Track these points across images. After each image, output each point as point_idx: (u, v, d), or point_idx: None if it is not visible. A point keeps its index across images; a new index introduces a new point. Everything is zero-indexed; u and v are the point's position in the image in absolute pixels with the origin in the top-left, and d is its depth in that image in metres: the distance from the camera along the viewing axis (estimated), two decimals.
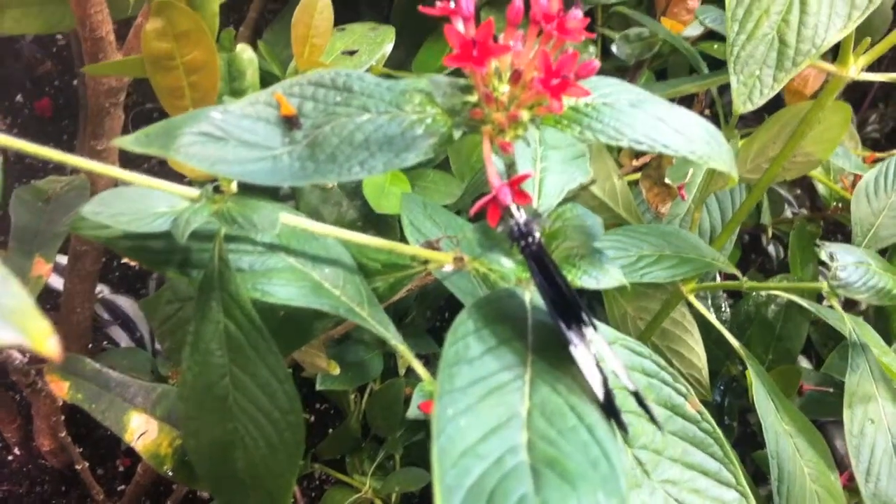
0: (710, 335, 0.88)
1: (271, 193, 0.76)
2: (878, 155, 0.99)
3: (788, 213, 1.22)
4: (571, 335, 0.35)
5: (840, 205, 1.00)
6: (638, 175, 0.89)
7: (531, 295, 0.39)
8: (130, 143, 0.35)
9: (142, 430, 0.71)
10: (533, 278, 0.37)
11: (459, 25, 0.34)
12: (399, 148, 0.35)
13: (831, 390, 0.89)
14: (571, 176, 0.45)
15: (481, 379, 0.33)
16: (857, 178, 0.95)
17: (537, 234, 0.36)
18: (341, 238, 0.49)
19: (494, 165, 0.35)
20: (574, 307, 0.36)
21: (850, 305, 1.11)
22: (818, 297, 0.88)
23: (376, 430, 1.00)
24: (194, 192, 0.45)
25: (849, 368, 0.62)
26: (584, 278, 0.38)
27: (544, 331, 0.37)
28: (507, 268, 0.37)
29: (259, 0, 1.08)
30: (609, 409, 0.35)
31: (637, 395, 0.36)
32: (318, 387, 0.89)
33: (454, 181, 0.83)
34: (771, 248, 1.28)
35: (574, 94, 0.33)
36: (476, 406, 0.32)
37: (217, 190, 0.45)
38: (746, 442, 1.03)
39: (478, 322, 0.35)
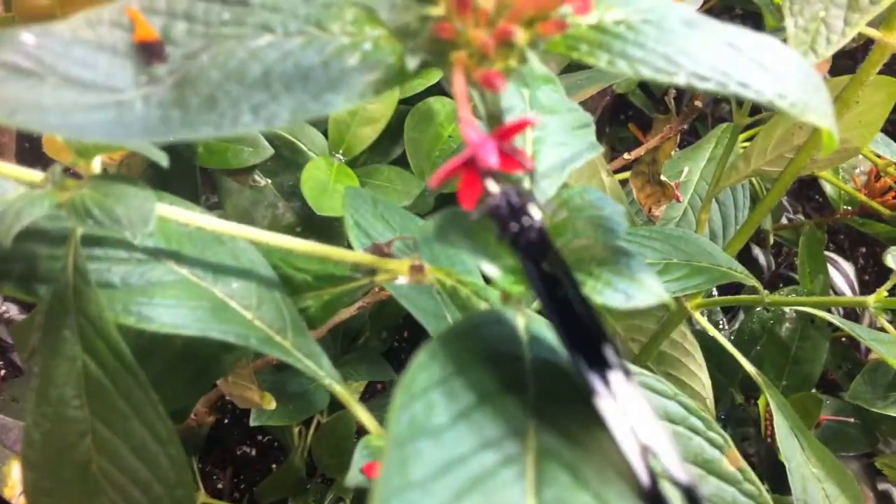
0: (711, 357, 0.76)
1: (188, 191, 0.62)
2: None
3: (783, 219, 1.10)
4: (596, 381, 0.22)
5: (850, 208, 0.88)
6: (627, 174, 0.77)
7: (526, 321, 0.26)
8: None
9: None
10: (532, 288, 0.23)
11: None
12: (319, 86, 0.21)
13: (852, 420, 0.77)
14: (575, 150, 0.32)
15: (454, 464, 0.20)
16: (871, 176, 0.84)
17: (537, 215, 0.23)
18: (257, 241, 0.35)
19: (472, 114, 0.21)
20: (595, 337, 0.23)
21: (851, 316, 0.99)
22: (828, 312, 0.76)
23: (324, 470, 0.87)
24: (38, 175, 0.32)
25: None
26: (606, 293, 0.25)
27: (551, 375, 0.24)
28: (492, 276, 0.24)
29: None
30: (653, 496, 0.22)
31: (691, 495, 0.23)
32: (252, 423, 0.75)
33: (413, 179, 0.70)
34: (761, 258, 1.16)
35: None
36: None
37: (71, 173, 0.32)
38: None
39: (447, 366, 0.22)
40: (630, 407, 0.22)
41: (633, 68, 0.22)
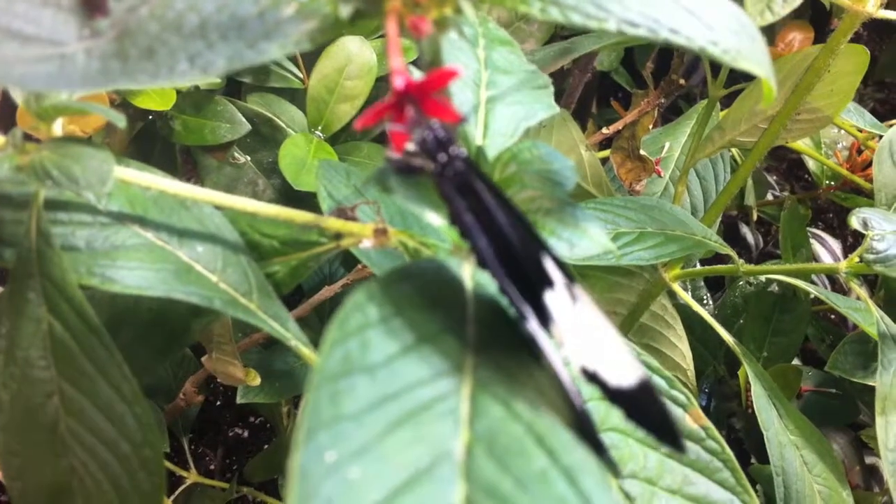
0: (693, 331, 0.77)
1: (167, 169, 0.63)
2: None
3: (769, 196, 1.10)
4: (526, 307, 0.23)
5: (833, 183, 0.88)
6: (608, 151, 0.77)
7: (472, 268, 0.26)
8: None
9: None
10: (458, 221, 0.24)
11: None
12: (254, 35, 0.22)
13: (833, 391, 0.77)
14: (530, 109, 0.32)
15: (389, 398, 0.20)
16: (853, 151, 0.84)
17: (461, 150, 0.23)
18: (221, 205, 0.36)
19: (404, 60, 0.22)
20: (532, 258, 0.23)
21: (839, 292, 0.99)
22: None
23: None
24: None
25: (879, 367, 0.50)
26: (551, 242, 0.26)
27: (495, 317, 0.24)
28: (435, 225, 0.24)
29: None
30: (584, 430, 0.22)
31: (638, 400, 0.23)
32: (238, 400, 0.76)
33: None
34: (749, 237, 1.16)
35: None
36: (379, 444, 0.19)
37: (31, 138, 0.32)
38: (732, 450, 0.91)
39: (385, 307, 0.22)
40: (573, 324, 0.22)
41: (564, 15, 0.22)
